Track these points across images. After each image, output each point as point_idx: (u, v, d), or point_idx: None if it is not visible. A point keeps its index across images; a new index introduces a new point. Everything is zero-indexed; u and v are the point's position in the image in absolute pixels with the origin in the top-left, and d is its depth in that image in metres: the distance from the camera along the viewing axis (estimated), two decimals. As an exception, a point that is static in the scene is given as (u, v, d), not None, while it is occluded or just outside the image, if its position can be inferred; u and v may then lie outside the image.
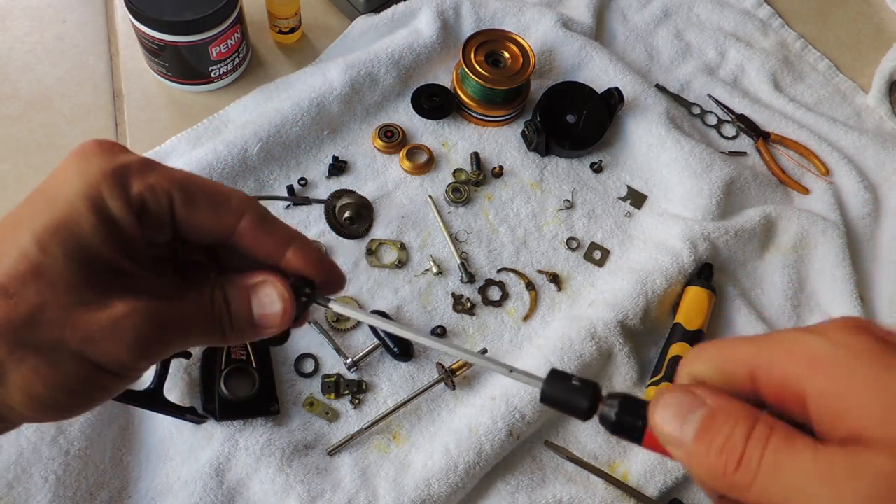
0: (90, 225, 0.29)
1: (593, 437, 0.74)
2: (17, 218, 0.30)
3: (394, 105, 0.89)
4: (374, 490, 0.68)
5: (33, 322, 0.29)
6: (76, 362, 0.30)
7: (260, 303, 0.34)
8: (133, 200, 0.31)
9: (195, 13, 0.77)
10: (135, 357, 0.31)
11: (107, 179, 0.30)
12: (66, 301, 0.29)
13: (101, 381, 0.31)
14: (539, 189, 0.86)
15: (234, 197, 0.33)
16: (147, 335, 0.31)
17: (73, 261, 0.29)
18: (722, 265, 0.84)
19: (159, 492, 0.66)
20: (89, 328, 0.29)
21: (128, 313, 0.30)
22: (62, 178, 0.30)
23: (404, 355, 0.74)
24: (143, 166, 0.31)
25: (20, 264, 0.29)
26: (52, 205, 0.30)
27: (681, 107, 0.95)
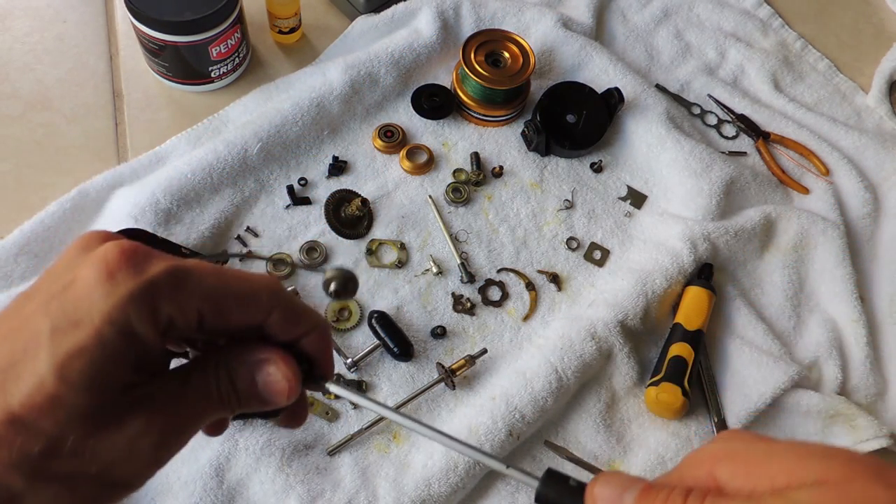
0: (113, 351, 0.28)
1: (593, 437, 0.74)
2: (35, 329, 0.28)
3: (394, 105, 0.89)
4: (374, 490, 0.68)
5: (51, 454, 0.28)
6: (94, 485, 0.30)
7: (264, 380, 0.34)
8: (161, 322, 0.30)
9: (195, 13, 0.77)
10: (150, 469, 0.31)
11: (135, 303, 0.28)
12: (83, 429, 0.28)
13: (117, 495, 0.31)
14: (539, 189, 0.86)
15: (263, 294, 0.32)
16: (162, 445, 0.31)
17: (92, 389, 0.28)
18: (722, 265, 0.84)
19: (159, 492, 0.66)
20: (108, 453, 0.29)
21: (143, 431, 0.30)
22: (86, 294, 0.28)
23: (404, 355, 0.74)
24: (172, 285, 0.30)
25: (37, 395, 0.28)
26: (74, 327, 0.28)
27: (681, 107, 0.95)
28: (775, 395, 0.76)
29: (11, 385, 0.28)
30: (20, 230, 0.74)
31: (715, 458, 0.30)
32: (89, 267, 0.29)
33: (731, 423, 0.75)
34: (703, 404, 0.77)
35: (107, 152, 0.83)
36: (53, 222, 0.75)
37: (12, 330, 0.29)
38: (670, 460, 0.73)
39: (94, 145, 0.83)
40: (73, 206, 0.76)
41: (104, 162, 0.82)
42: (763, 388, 0.76)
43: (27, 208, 0.75)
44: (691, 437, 0.74)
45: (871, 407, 0.80)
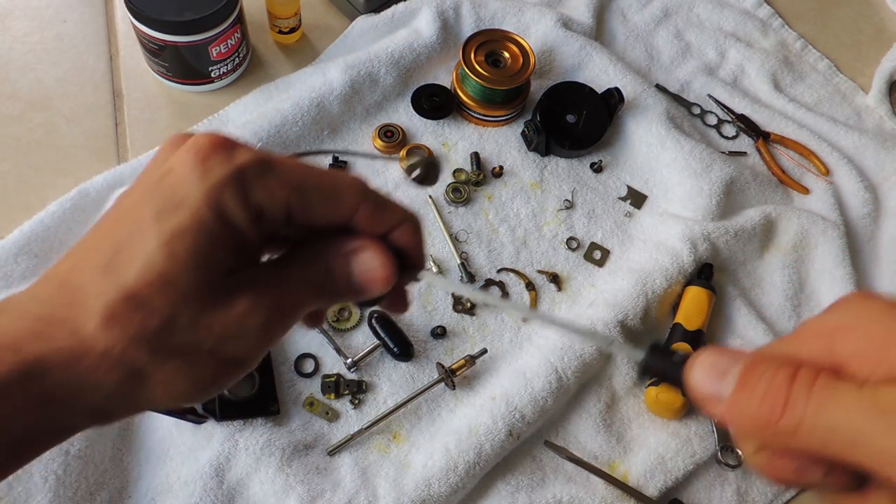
0: (213, 231, 0.30)
1: (593, 437, 0.74)
2: (139, 216, 0.30)
3: (394, 105, 0.89)
4: (374, 490, 0.68)
5: (168, 329, 0.30)
6: (211, 360, 0.31)
7: (361, 269, 0.34)
8: (252, 207, 0.31)
9: (195, 13, 0.77)
10: (261, 347, 0.32)
11: (228, 185, 0.30)
12: (194, 307, 0.30)
13: (232, 372, 0.32)
14: (539, 189, 0.86)
15: (348, 190, 0.33)
16: (269, 325, 0.32)
17: (198, 267, 0.30)
18: (722, 265, 0.84)
19: (159, 492, 0.66)
20: (220, 329, 0.31)
21: (251, 309, 0.31)
22: (183, 179, 0.30)
23: (404, 355, 0.74)
24: (261, 169, 0.31)
25: (149, 273, 0.29)
26: (175, 209, 0.30)
27: (681, 107, 0.95)
28: (775, 395, 0.75)
29: (124, 267, 0.29)
30: (20, 230, 0.74)
31: (837, 331, 0.27)
32: (183, 155, 0.31)
33: (731, 423, 0.75)
34: (703, 404, 0.77)
35: (107, 152, 0.83)
36: (53, 222, 0.75)
37: (117, 220, 0.31)
38: (670, 460, 0.73)
39: (94, 145, 0.83)
40: (73, 206, 0.76)
41: (104, 162, 0.82)
42: (763, 388, 0.76)
43: (27, 208, 0.75)
44: (691, 437, 0.74)
45: (871, 407, 0.80)
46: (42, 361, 0.29)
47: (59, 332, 0.29)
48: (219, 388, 0.33)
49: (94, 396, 0.30)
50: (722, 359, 0.29)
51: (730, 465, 0.74)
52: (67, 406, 0.30)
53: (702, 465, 0.74)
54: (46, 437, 0.32)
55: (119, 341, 0.29)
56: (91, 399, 0.30)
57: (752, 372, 0.27)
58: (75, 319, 0.29)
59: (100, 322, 0.29)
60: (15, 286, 0.72)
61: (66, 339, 0.29)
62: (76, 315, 0.30)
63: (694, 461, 0.73)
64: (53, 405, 0.30)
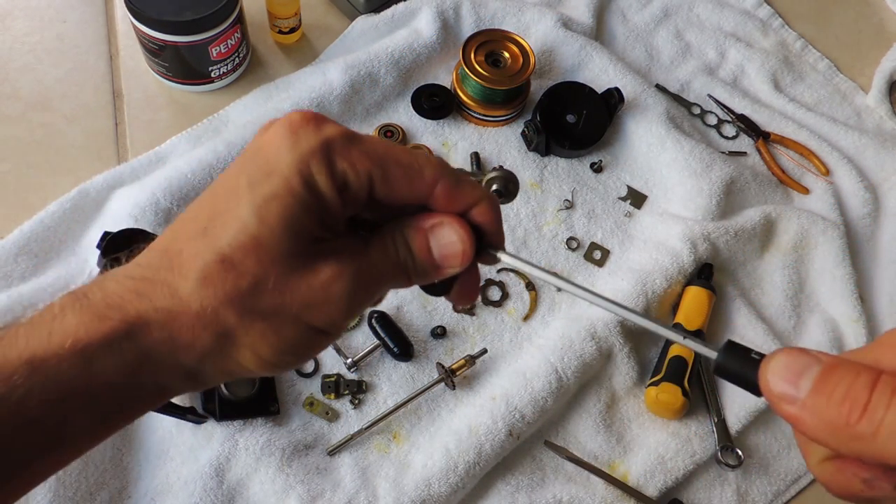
0: (302, 199, 0.31)
1: (593, 437, 0.74)
2: (236, 187, 0.32)
3: (394, 105, 0.89)
4: (374, 490, 0.68)
5: (257, 291, 0.31)
6: (296, 326, 0.32)
7: (439, 243, 0.35)
8: (337, 177, 0.32)
9: (195, 13, 0.77)
10: (344, 315, 0.33)
11: (315, 156, 0.31)
12: (283, 270, 0.31)
13: (316, 340, 0.34)
14: (539, 189, 0.86)
15: (427, 167, 0.34)
16: (353, 294, 0.33)
17: (287, 232, 0.31)
18: (722, 265, 0.84)
19: (159, 492, 0.66)
20: (305, 294, 0.32)
21: (335, 277, 0.32)
22: (275, 150, 0.32)
23: (404, 355, 0.74)
24: (346, 142, 0.32)
25: (242, 236, 0.31)
26: (269, 177, 0.31)
27: (681, 107, 0.95)
28: (775, 395, 0.75)
29: (219, 231, 0.31)
30: (20, 230, 0.74)
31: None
32: (276, 128, 0.32)
33: (730, 423, 0.75)
34: (703, 404, 0.77)
35: (107, 152, 0.83)
36: (53, 222, 0.75)
37: (214, 193, 0.33)
38: (670, 460, 0.73)
39: (94, 145, 0.83)
40: (73, 206, 0.76)
41: (104, 162, 0.82)
42: (763, 388, 0.76)
43: (27, 208, 0.75)
44: (691, 437, 0.74)
45: (871, 407, 0.80)
46: (143, 319, 0.31)
47: (159, 292, 0.31)
48: (301, 359, 0.35)
49: (188, 356, 0.32)
50: (800, 359, 0.28)
51: (730, 465, 0.73)
52: (164, 366, 0.32)
53: (702, 465, 0.74)
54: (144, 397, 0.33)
55: (212, 301, 0.31)
56: (185, 359, 0.32)
57: (832, 374, 0.27)
58: (173, 281, 0.31)
59: (195, 283, 0.31)
60: (15, 286, 0.72)
61: (164, 298, 0.31)
62: (174, 277, 0.32)
63: (694, 461, 0.73)
64: (151, 364, 0.31)
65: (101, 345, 0.31)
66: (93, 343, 0.31)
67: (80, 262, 0.74)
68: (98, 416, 0.32)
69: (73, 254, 0.75)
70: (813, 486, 0.76)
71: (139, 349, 0.31)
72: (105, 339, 0.31)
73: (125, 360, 0.31)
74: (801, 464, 0.76)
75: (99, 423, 0.32)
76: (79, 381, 0.30)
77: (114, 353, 0.31)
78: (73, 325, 0.31)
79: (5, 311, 0.69)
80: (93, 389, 0.31)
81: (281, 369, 0.34)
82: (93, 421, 0.32)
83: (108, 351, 0.31)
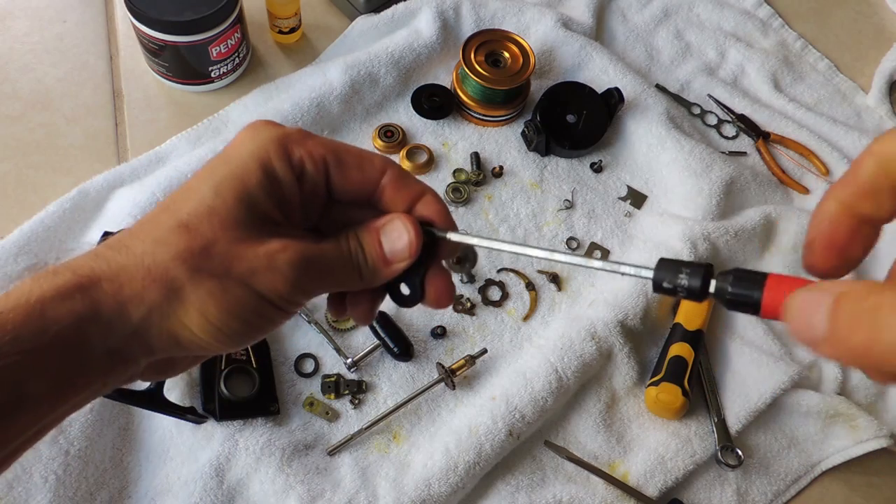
0: (256, 178, 0.35)
1: (593, 437, 0.74)
2: (200, 175, 0.36)
3: (394, 105, 0.89)
4: (374, 490, 0.68)
5: (207, 252, 0.34)
6: (242, 289, 0.35)
7: (389, 238, 0.38)
8: (294, 164, 0.36)
9: (195, 13, 0.77)
10: (290, 288, 0.35)
11: (273, 144, 0.36)
12: (232, 236, 0.34)
13: (264, 310, 0.36)
14: (539, 189, 0.86)
15: (377, 158, 0.38)
16: (298, 267, 0.35)
17: (239, 204, 0.35)
18: (722, 265, 0.83)
19: (159, 492, 0.66)
20: (251, 260, 0.35)
21: (281, 249, 0.35)
22: (237, 144, 0.36)
23: (404, 355, 0.74)
24: (303, 135, 0.37)
25: (199, 206, 0.35)
26: (227, 162, 0.36)
27: (681, 107, 0.95)
28: (775, 395, 0.76)
29: (181, 205, 0.35)
30: (20, 230, 0.74)
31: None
32: (242, 131, 0.37)
33: (730, 423, 0.75)
34: (703, 404, 0.77)
35: (107, 152, 0.83)
36: (53, 222, 0.75)
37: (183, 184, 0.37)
38: (670, 460, 0.73)
39: (94, 145, 0.83)
40: (73, 206, 0.76)
41: (104, 162, 0.82)
42: (763, 388, 0.76)
43: (27, 208, 0.75)
44: (691, 437, 0.74)
45: (871, 407, 0.80)
46: (94, 274, 0.34)
47: (115, 254, 0.34)
48: (249, 328, 0.36)
49: (137, 310, 0.34)
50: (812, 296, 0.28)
51: (730, 465, 0.73)
52: (112, 322, 0.33)
53: (702, 465, 0.74)
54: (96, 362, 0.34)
55: (163, 258, 0.34)
56: (133, 312, 0.34)
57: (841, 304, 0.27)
58: (131, 244, 0.35)
59: (150, 243, 0.34)
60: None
61: (118, 258, 0.34)
62: (132, 241, 0.35)
63: (694, 461, 0.73)
64: (101, 316, 0.33)
65: (53, 297, 0.33)
66: (45, 295, 0.32)
67: (80, 262, 0.74)
68: (55, 376, 0.33)
69: (73, 254, 0.75)
70: (813, 487, 0.76)
71: (89, 301, 0.33)
72: (56, 291, 0.33)
73: (75, 311, 0.33)
74: (801, 464, 0.76)
75: (59, 384, 0.33)
76: (33, 336, 0.32)
77: (64, 305, 0.33)
78: (29, 285, 0.33)
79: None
80: (47, 345, 0.32)
81: (228, 338, 0.36)
82: (51, 381, 0.33)
83: (59, 303, 0.32)
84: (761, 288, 0.30)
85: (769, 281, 0.31)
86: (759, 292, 0.30)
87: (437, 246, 0.38)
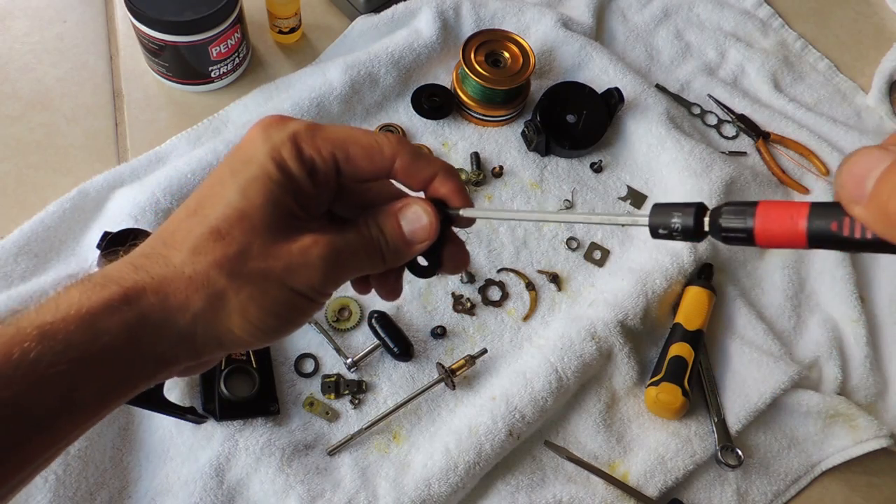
0: (277, 179, 0.36)
1: (593, 437, 0.74)
2: (220, 177, 0.37)
3: (394, 105, 0.89)
4: (374, 490, 0.68)
5: (244, 257, 0.35)
6: (280, 289, 0.36)
7: (408, 220, 0.39)
8: (306, 161, 0.37)
9: (195, 13, 0.77)
10: (323, 280, 0.37)
11: (285, 144, 0.36)
12: (266, 238, 0.36)
13: (300, 304, 0.37)
14: (539, 189, 0.86)
15: (386, 145, 0.38)
16: (330, 260, 0.37)
17: (268, 206, 0.36)
18: (722, 265, 0.84)
19: (159, 492, 0.66)
20: (286, 259, 0.36)
21: (313, 243, 0.36)
22: (251, 145, 0.37)
23: (404, 355, 0.74)
24: (310, 132, 0.37)
25: (228, 210, 0.35)
26: (248, 164, 0.36)
27: (681, 107, 0.95)
28: (775, 395, 0.76)
29: (209, 210, 0.36)
30: (20, 230, 0.74)
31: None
32: (251, 130, 0.38)
33: (730, 423, 0.75)
34: (703, 404, 0.77)
35: (107, 152, 0.83)
36: (53, 222, 0.75)
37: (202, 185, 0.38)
38: (670, 460, 0.73)
39: (94, 145, 0.83)
40: (73, 206, 0.76)
41: (104, 162, 0.82)
42: (763, 388, 0.76)
43: (27, 208, 0.75)
44: (691, 437, 0.74)
45: (871, 407, 0.80)
46: (140, 286, 0.35)
47: (154, 265, 0.35)
48: (286, 324, 0.38)
49: (182, 317, 0.35)
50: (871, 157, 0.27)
51: (730, 465, 0.73)
52: (160, 329, 0.35)
53: (702, 465, 0.74)
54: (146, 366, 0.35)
55: (203, 266, 0.35)
56: (180, 320, 0.35)
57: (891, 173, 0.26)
58: (167, 254, 0.36)
59: (188, 253, 0.35)
60: (15, 286, 0.72)
61: (159, 269, 0.35)
62: (168, 251, 0.36)
63: (694, 461, 0.73)
64: (149, 327, 0.35)
65: (103, 309, 0.34)
66: (95, 307, 0.33)
67: (80, 262, 0.74)
68: (104, 383, 0.34)
69: (73, 254, 0.75)
70: (813, 487, 0.76)
71: (138, 311, 0.34)
72: (106, 304, 0.34)
73: (125, 321, 0.34)
74: (801, 464, 0.76)
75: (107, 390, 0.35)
76: (85, 345, 0.33)
77: (115, 316, 0.34)
78: (77, 296, 0.34)
79: (5, 311, 0.69)
80: (97, 354, 0.33)
81: (266, 335, 0.37)
82: (100, 387, 0.34)
83: (110, 315, 0.34)
84: (753, 216, 0.30)
85: (759, 208, 0.30)
86: (751, 220, 0.30)
87: (451, 220, 0.40)
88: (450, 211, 0.40)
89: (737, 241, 0.31)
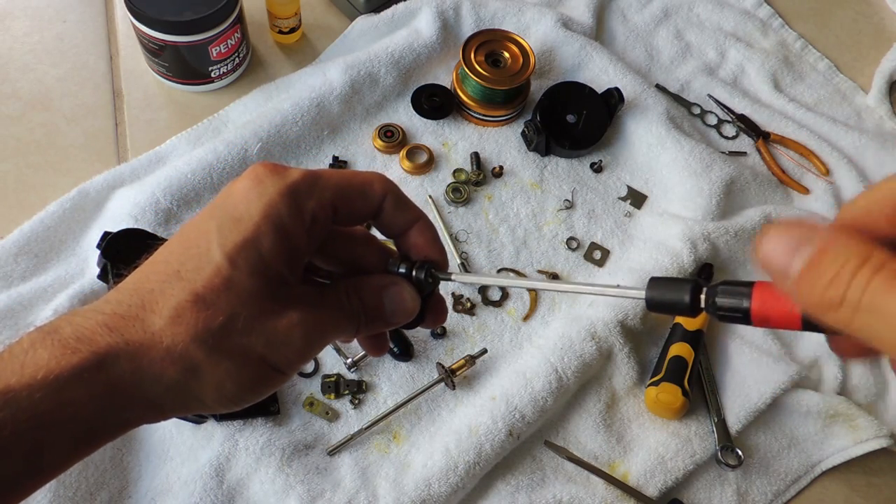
0: (270, 242, 0.33)
1: (593, 437, 0.74)
2: (205, 232, 0.34)
3: (394, 105, 0.89)
4: (374, 490, 0.68)
5: (227, 331, 0.33)
6: (258, 365, 0.34)
7: (391, 300, 0.38)
8: (306, 217, 0.35)
9: (195, 13, 0.77)
10: (301, 358, 0.36)
11: (283, 199, 0.34)
12: (252, 311, 0.34)
13: (274, 379, 0.36)
14: (539, 189, 0.86)
15: (376, 183, 0.38)
16: (312, 339, 0.35)
17: (256, 275, 0.33)
18: (722, 265, 0.84)
19: (159, 492, 0.66)
20: (271, 335, 0.34)
21: (298, 321, 0.35)
22: (243, 198, 0.34)
23: (404, 355, 0.74)
24: (310, 184, 0.35)
25: (215, 278, 0.33)
26: (237, 224, 0.33)
27: (681, 107, 0.95)
28: (775, 395, 0.76)
29: (192, 273, 0.33)
30: (20, 230, 0.74)
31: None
32: (242, 180, 0.35)
33: (730, 423, 0.75)
34: (703, 404, 0.77)
35: (107, 152, 0.83)
36: (53, 222, 0.75)
37: (184, 238, 0.35)
38: (670, 460, 0.73)
39: (94, 145, 0.83)
40: (73, 206, 0.76)
41: (104, 162, 0.82)
42: (763, 388, 0.76)
43: (27, 208, 0.75)
44: (691, 437, 0.74)
45: (871, 407, 0.80)
46: (113, 351, 0.32)
47: (130, 328, 0.33)
48: (258, 397, 0.36)
49: (154, 388, 0.33)
50: (797, 233, 0.28)
51: (730, 465, 0.73)
52: (130, 396, 0.33)
53: (702, 465, 0.74)
54: (109, 428, 0.34)
55: (183, 338, 0.33)
56: (150, 390, 0.33)
57: (822, 257, 0.27)
58: (145, 318, 0.33)
59: (168, 319, 0.33)
60: (15, 286, 0.72)
61: (135, 333, 0.33)
62: (146, 314, 0.33)
63: (694, 461, 0.73)
64: (118, 396, 0.33)
65: (72, 376, 0.32)
66: (63, 374, 0.31)
67: (80, 262, 0.74)
68: (69, 445, 0.33)
69: (73, 254, 0.75)
70: (813, 487, 0.76)
71: (108, 380, 0.32)
72: (75, 370, 0.32)
73: (94, 391, 0.32)
74: (801, 464, 0.76)
75: (70, 451, 0.33)
76: (50, 412, 0.31)
77: (84, 384, 0.32)
78: (45, 358, 0.32)
79: (5, 311, 0.69)
80: (63, 420, 0.32)
81: (235, 405, 0.36)
82: (64, 453, 0.33)
83: (79, 382, 0.32)
84: (749, 297, 0.31)
85: (756, 290, 0.31)
86: (747, 301, 0.31)
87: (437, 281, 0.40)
88: (440, 275, 0.39)
89: (732, 319, 0.31)
